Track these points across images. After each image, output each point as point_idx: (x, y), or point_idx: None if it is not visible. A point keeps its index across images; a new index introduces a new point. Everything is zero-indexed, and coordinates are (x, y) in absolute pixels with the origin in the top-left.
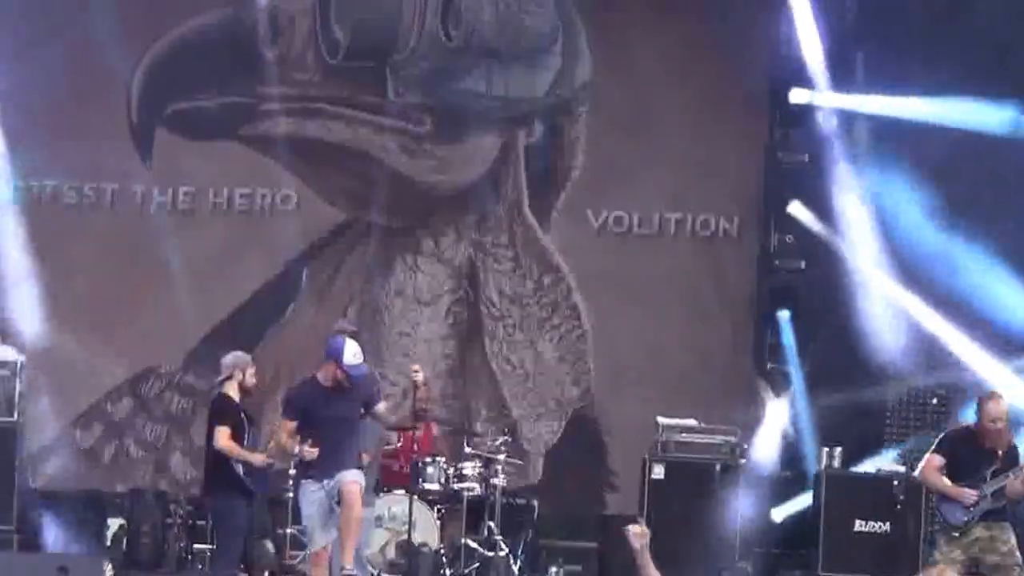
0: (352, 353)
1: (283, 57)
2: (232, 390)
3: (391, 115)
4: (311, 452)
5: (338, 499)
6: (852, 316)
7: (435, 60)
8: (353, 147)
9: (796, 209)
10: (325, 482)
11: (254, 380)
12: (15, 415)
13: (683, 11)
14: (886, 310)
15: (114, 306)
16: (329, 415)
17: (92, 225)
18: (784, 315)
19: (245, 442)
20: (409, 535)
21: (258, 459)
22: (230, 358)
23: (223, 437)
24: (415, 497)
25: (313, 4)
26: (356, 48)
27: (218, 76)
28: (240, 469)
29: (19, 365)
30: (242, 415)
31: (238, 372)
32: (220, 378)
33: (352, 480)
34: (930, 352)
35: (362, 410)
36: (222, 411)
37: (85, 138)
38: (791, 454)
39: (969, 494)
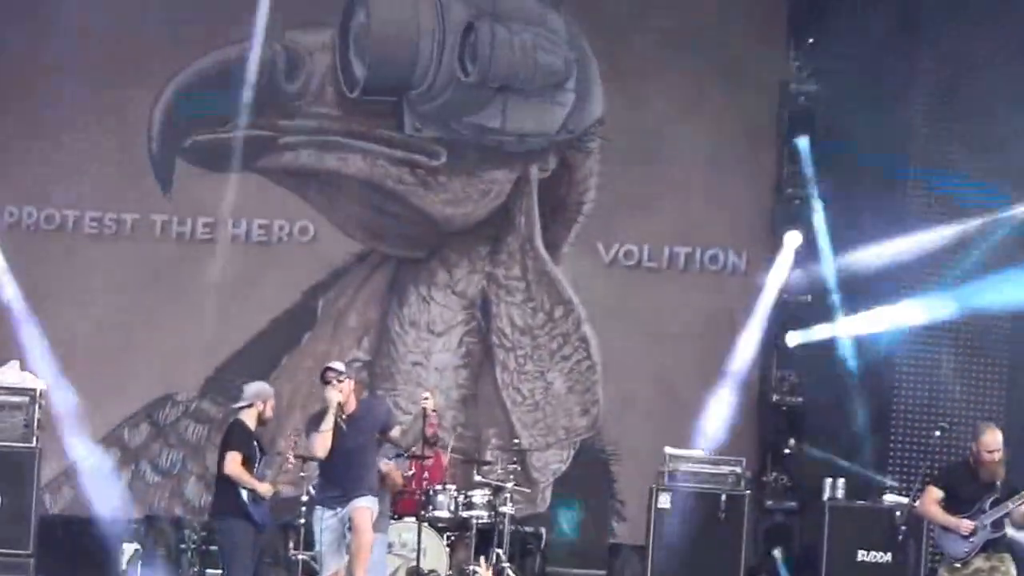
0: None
1: (302, 91)
2: (249, 418)
3: (408, 149)
4: None
5: (350, 525)
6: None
7: (451, 95)
8: (370, 180)
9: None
10: (338, 509)
11: (272, 413)
12: (34, 441)
13: (692, 49)
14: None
15: (132, 334)
16: (343, 443)
17: (112, 254)
18: (794, 337)
19: (256, 471)
20: (418, 562)
21: (264, 488)
22: (255, 387)
23: (233, 463)
24: (425, 524)
25: (332, 39)
26: (374, 83)
27: (237, 109)
28: (246, 497)
29: (39, 392)
30: (255, 444)
31: (259, 403)
32: (240, 405)
33: (363, 506)
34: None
35: (378, 436)
36: (236, 437)
37: (106, 169)
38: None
39: (966, 525)
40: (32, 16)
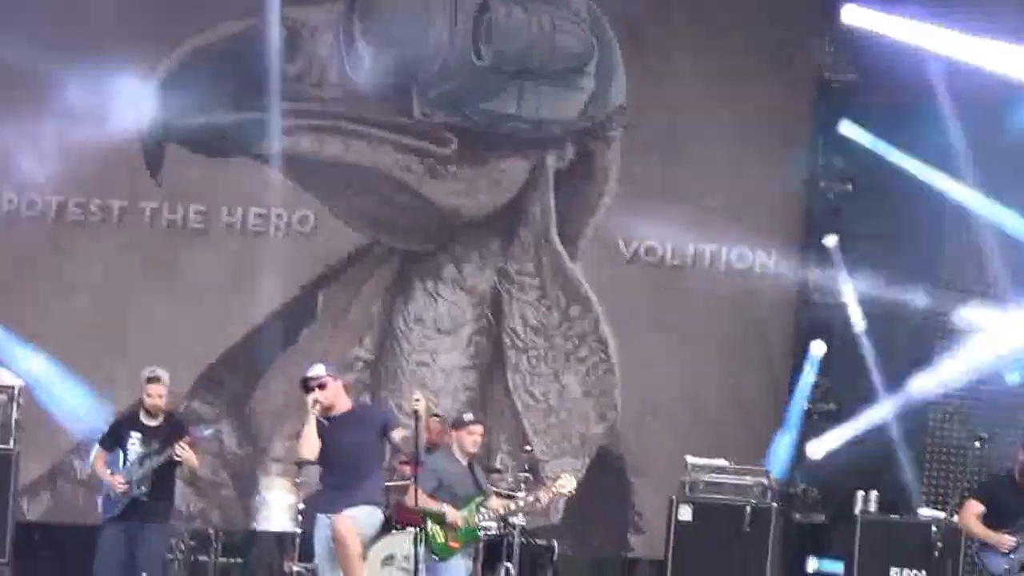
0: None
1: (303, 73)
2: (141, 408)
3: (415, 135)
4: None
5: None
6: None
7: (463, 79)
8: (374, 168)
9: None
10: (332, 517)
11: (152, 400)
12: (11, 443)
13: (725, 32)
14: None
15: (118, 329)
16: (339, 443)
17: (97, 243)
18: (818, 349)
19: (124, 462)
20: (416, 573)
21: (114, 484)
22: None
23: (93, 458)
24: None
25: (336, 17)
26: (381, 65)
27: (234, 90)
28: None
29: (16, 390)
30: (130, 434)
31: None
32: None
33: (344, 515)
34: None
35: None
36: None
37: (92, 151)
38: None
39: (1006, 541)
40: None
